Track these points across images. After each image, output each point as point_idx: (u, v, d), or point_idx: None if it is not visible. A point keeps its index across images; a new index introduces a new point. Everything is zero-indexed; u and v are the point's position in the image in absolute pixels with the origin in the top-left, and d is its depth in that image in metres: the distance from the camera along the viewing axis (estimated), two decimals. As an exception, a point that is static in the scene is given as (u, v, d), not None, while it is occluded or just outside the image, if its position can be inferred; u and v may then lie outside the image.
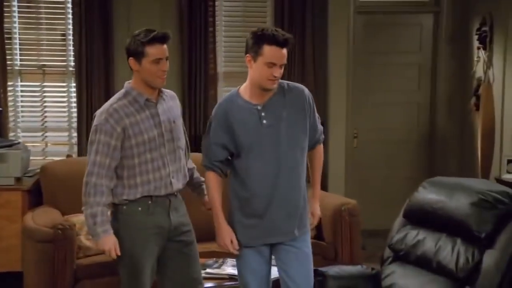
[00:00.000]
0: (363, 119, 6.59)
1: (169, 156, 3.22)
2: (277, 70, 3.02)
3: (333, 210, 4.72)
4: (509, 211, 3.32)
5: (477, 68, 6.25)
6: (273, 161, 3.11)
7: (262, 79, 3.04)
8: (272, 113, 3.11)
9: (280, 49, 3.00)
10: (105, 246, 3.15)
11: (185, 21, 5.91)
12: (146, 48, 3.10)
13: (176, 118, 3.31)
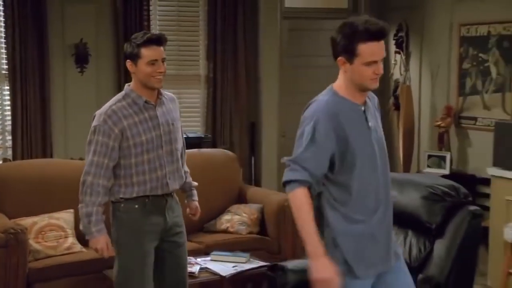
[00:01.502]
0: (290, 118, 6.59)
1: (166, 157, 3.09)
2: (379, 66, 2.42)
3: (276, 206, 4.67)
4: (456, 203, 3.37)
5: (394, 71, 6.40)
6: (382, 173, 2.52)
7: (364, 81, 2.43)
8: (372, 114, 2.53)
9: (377, 43, 2.40)
10: (97, 245, 3.05)
11: (120, 25, 5.72)
12: (142, 50, 2.98)
13: (175, 120, 3.18)
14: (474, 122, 5.61)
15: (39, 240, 4.13)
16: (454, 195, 3.39)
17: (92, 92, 5.70)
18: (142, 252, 3.08)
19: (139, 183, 3.04)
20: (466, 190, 3.46)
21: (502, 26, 5.31)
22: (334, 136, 2.43)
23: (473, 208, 3.36)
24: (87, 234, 3.07)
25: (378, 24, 2.40)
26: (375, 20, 2.42)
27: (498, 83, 5.39)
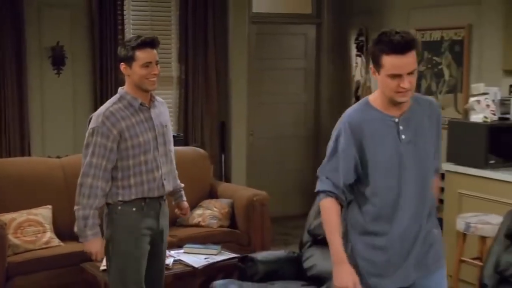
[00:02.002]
0: (257, 118, 6.61)
1: (161, 158, 3.04)
2: (404, 80, 2.25)
3: (246, 201, 4.69)
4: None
5: (356, 73, 6.46)
6: (415, 186, 2.38)
7: (390, 92, 2.31)
8: (410, 127, 2.37)
9: (401, 56, 2.24)
10: (92, 248, 2.96)
11: (95, 29, 5.65)
12: (136, 52, 2.92)
13: (167, 122, 3.14)
14: (429, 120, 5.69)
15: (18, 235, 4.08)
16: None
17: (69, 94, 5.63)
18: (139, 253, 3.01)
19: (137, 184, 2.96)
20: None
21: (454, 32, 5.40)
22: (354, 146, 2.37)
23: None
24: (81, 237, 2.97)
25: (403, 37, 2.26)
26: (404, 33, 2.28)
27: (450, 84, 5.48)
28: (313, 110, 6.90)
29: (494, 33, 5.06)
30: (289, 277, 3.53)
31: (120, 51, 2.98)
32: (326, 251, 3.56)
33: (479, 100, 4.55)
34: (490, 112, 4.54)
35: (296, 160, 6.86)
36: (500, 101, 4.66)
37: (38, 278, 3.93)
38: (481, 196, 4.44)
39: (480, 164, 4.50)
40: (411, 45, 2.27)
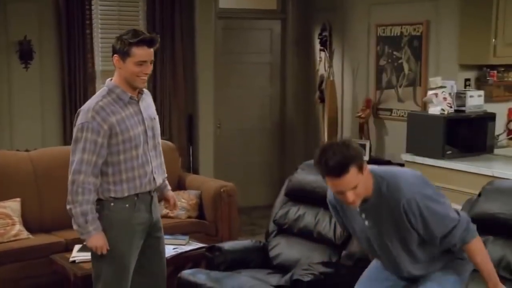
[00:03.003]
0: (224, 111, 6.60)
1: (151, 152, 2.93)
2: (348, 197, 2.37)
3: (214, 192, 4.69)
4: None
5: (320, 67, 6.49)
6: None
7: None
8: (372, 216, 2.50)
9: (338, 179, 2.35)
10: (97, 243, 2.82)
11: (63, 24, 5.55)
12: (133, 49, 2.77)
13: (155, 115, 3.02)
14: (390, 113, 5.76)
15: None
16: (373, 178, 3.48)
17: (37, 88, 5.53)
18: (131, 251, 2.92)
19: (129, 179, 2.85)
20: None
21: (413, 27, 5.47)
22: None
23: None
24: (83, 234, 2.83)
25: (332, 165, 2.33)
26: (334, 162, 2.33)
27: (410, 78, 5.55)
28: (278, 103, 6.92)
29: (451, 29, 5.15)
30: (255, 265, 3.54)
31: (115, 43, 2.82)
32: (292, 239, 3.63)
33: (436, 94, 4.63)
34: (447, 105, 4.62)
35: (262, 152, 6.88)
36: (456, 94, 4.74)
37: (7, 270, 3.86)
38: (438, 185, 4.50)
39: (437, 155, 4.58)
40: (345, 169, 2.30)
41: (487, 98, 4.92)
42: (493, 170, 4.17)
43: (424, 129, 4.70)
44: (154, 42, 2.84)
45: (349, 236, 3.39)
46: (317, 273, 3.11)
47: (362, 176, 2.36)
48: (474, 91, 4.82)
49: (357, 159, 2.34)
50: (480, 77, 5.18)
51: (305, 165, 3.77)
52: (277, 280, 3.31)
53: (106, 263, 2.89)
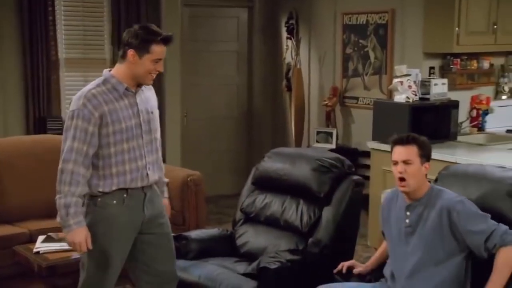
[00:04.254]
0: (191, 100, 6.55)
1: (146, 147, 2.78)
2: (398, 167, 2.72)
3: (181, 181, 4.64)
4: (341, 174, 3.49)
5: (286, 55, 6.48)
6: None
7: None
8: (415, 215, 2.72)
9: (399, 147, 2.76)
10: (75, 238, 2.67)
11: (24, 10, 5.41)
12: (153, 46, 2.68)
13: (154, 109, 2.88)
14: (356, 101, 5.79)
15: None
16: (340, 167, 3.51)
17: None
18: (117, 248, 2.79)
19: (119, 173, 2.72)
20: (350, 162, 3.59)
21: (378, 16, 5.49)
22: None
23: (356, 178, 3.49)
24: (64, 227, 2.69)
25: (403, 136, 2.78)
26: (407, 134, 2.81)
27: (375, 66, 5.58)
28: (245, 92, 6.89)
29: (415, 17, 5.19)
30: (222, 254, 3.52)
31: (131, 38, 2.69)
32: (259, 227, 3.62)
33: (402, 82, 4.66)
34: (412, 93, 4.66)
35: (229, 140, 6.85)
36: (421, 82, 4.79)
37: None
38: (404, 172, 4.56)
39: (403, 142, 4.62)
40: (410, 142, 2.76)
41: (451, 86, 4.99)
42: (456, 157, 4.23)
43: (390, 117, 4.73)
44: (171, 41, 2.78)
45: (315, 224, 3.41)
46: (284, 261, 3.11)
47: (420, 166, 2.70)
48: (438, 79, 4.87)
49: (423, 145, 2.74)
50: (444, 65, 5.24)
51: (272, 153, 3.76)
52: (244, 268, 3.30)
53: (90, 256, 2.79)
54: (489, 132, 5.37)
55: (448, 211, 2.63)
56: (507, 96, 5.69)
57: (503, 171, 3.03)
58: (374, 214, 4.71)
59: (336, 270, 3.00)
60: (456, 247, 2.63)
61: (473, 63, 5.28)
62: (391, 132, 4.65)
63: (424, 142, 2.77)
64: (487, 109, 5.43)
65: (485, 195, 2.88)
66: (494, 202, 2.83)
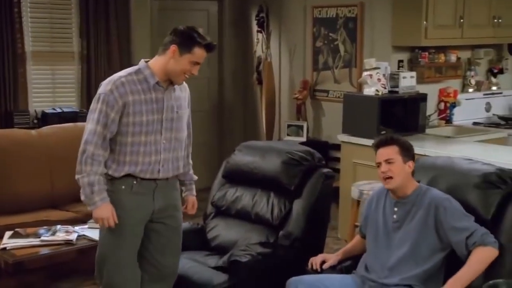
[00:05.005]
0: (161, 93, 6.47)
1: (163, 144, 2.79)
2: (382, 167, 2.79)
3: (151, 175, 4.60)
4: (312, 166, 3.49)
5: (257, 48, 6.46)
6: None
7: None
8: (403, 212, 2.81)
9: (381, 149, 2.83)
10: (103, 214, 2.72)
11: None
12: (196, 48, 2.72)
13: (181, 108, 2.87)
14: (326, 94, 5.81)
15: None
16: (310, 160, 3.51)
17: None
18: (126, 231, 2.80)
19: (131, 162, 2.75)
20: (320, 155, 3.59)
21: (348, 9, 5.51)
22: None
23: (326, 171, 3.49)
24: (90, 205, 2.73)
25: (383, 137, 2.85)
26: (385, 136, 2.87)
27: (345, 59, 5.60)
28: (216, 85, 6.85)
29: (384, 11, 5.22)
30: (193, 247, 3.49)
31: (178, 35, 2.73)
32: (230, 221, 3.60)
33: (371, 75, 4.68)
34: (381, 86, 4.68)
35: (200, 134, 6.74)
36: (390, 75, 4.82)
37: None
38: (373, 165, 4.56)
39: (372, 134, 4.60)
40: (389, 143, 2.81)
41: (419, 79, 5.03)
42: (425, 149, 4.27)
43: (359, 110, 4.75)
44: (214, 49, 2.86)
45: (286, 217, 3.40)
46: (255, 254, 3.10)
47: (403, 165, 2.77)
48: (406, 72, 4.91)
49: (403, 145, 2.81)
50: (412, 58, 5.28)
51: (243, 146, 3.74)
52: (215, 261, 3.28)
53: (103, 234, 2.87)
54: (457, 125, 5.44)
55: (436, 207, 2.71)
56: (474, 89, 5.77)
57: (470, 163, 3.07)
58: (345, 207, 4.73)
59: (309, 267, 3.00)
60: (438, 244, 2.71)
61: (441, 56, 5.33)
62: (361, 125, 4.74)
63: (405, 142, 2.84)
64: (454, 102, 5.50)
65: (453, 187, 2.91)
66: (462, 194, 2.87)
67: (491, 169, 2.93)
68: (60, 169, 4.54)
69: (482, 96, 5.80)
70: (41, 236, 3.62)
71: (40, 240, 3.54)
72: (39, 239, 3.53)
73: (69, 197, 4.49)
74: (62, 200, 4.46)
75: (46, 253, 3.47)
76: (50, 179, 4.50)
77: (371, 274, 2.81)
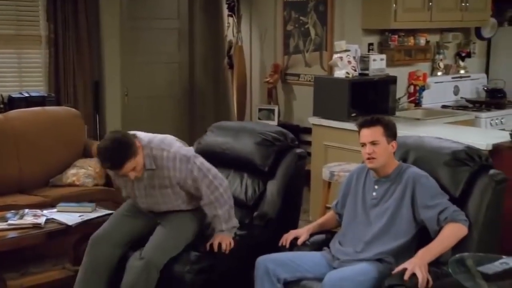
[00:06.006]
0: (132, 78, 6.39)
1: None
2: (367, 148, 2.82)
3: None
4: (285, 147, 3.47)
5: (228, 32, 6.40)
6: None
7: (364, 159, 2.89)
8: (383, 189, 2.85)
9: (365, 129, 2.85)
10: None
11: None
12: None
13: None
14: (297, 78, 5.78)
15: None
16: (283, 140, 3.48)
17: None
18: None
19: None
20: (292, 135, 3.57)
21: (318, -8, 5.48)
22: None
23: (299, 151, 3.47)
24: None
25: (368, 118, 2.86)
26: (371, 116, 2.87)
27: (316, 43, 5.58)
28: (187, 70, 6.78)
29: (354, -6, 5.20)
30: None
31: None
32: (201, 203, 3.54)
33: (341, 57, 4.67)
34: (351, 68, 4.67)
35: (171, 119, 6.73)
36: (360, 58, 4.81)
37: None
38: (344, 147, 4.60)
39: (343, 117, 4.64)
40: (372, 122, 2.84)
41: (389, 62, 5.04)
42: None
43: (330, 93, 4.74)
44: (109, 167, 3.08)
45: (260, 197, 3.38)
46: (230, 235, 3.07)
47: (387, 145, 2.80)
48: (376, 55, 4.91)
49: (388, 125, 2.83)
50: (382, 41, 5.29)
51: (214, 127, 3.70)
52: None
53: None
54: (426, 108, 5.48)
55: (413, 183, 2.76)
56: (442, 72, 5.81)
57: (440, 142, 3.09)
58: (316, 189, 4.73)
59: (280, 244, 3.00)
60: (413, 220, 2.75)
61: (410, 39, 5.35)
62: (331, 107, 4.73)
63: (389, 122, 2.87)
64: (423, 85, 5.53)
65: (423, 165, 2.94)
66: (432, 172, 2.89)
67: (460, 147, 2.96)
68: (28, 153, 4.45)
69: (450, 80, 5.85)
70: (8, 220, 3.51)
71: (7, 224, 3.44)
72: (6, 223, 3.44)
73: (37, 182, 4.41)
74: (30, 185, 4.37)
75: (14, 237, 3.38)
76: (17, 164, 4.40)
77: (347, 249, 2.82)
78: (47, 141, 4.55)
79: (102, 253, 3.11)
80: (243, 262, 3.05)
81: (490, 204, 2.77)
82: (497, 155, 3.63)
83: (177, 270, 2.98)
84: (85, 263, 3.13)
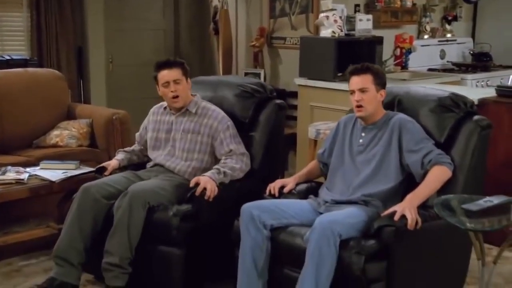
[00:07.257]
0: (116, 45, 6.29)
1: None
2: (356, 95, 2.83)
3: (105, 120, 4.48)
4: (264, 98, 3.45)
5: (213, -3, 6.31)
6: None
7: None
8: (370, 136, 2.87)
9: (356, 77, 2.86)
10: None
11: None
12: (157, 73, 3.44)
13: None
14: (283, 41, 5.72)
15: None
16: (262, 92, 3.46)
17: None
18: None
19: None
20: (271, 87, 3.58)
21: (304, -47, 5.40)
22: None
23: (279, 102, 3.46)
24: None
25: (358, 66, 2.86)
26: (361, 64, 2.88)
27: (302, 5, 5.50)
28: (172, 36, 6.69)
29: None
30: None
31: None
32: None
33: (327, 16, 4.62)
34: (337, 27, 4.63)
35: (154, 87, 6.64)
36: (346, 19, 4.76)
37: None
38: (330, 107, 4.58)
39: (329, 77, 4.60)
40: (365, 71, 2.85)
41: (375, 24, 4.99)
42: (381, 89, 4.25)
43: (316, 53, 4.69)
44: (168, 64, 3.41)
45: (243, 150, 3.34)
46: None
47: (376, 93, 2.81)
48: (363, 15, 4.86)
49: (377, 73, 2.84)
50: (368, 2, 5.24)
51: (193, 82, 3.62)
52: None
53: None
54: (412, 70, 5.45)
55: (399, 128, 2.78)
56: (429, 36, 5.78)
57: (426, 90, 3.08)
58: (302, 151, 4.70)
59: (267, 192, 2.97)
60: (400, 166, 2.76)
61: (397, 1, 5.30)
62: (318, 67, 4.68)
63: (379, 70, 2.88)
64: (410, 48, 5.50)
65: (409, 111, 2.94)
66: (418, 118, 2.90)
67: (446, 94, 2.95)
68: (11, 114, 4.39)
69: (437, 43, 5.82)
70: (-9, 176, 3.48)
71: (-9, 180, 3.40)
72: (-11, 179, 3.40)
73: (21, 143, 4.36)
74: (13, 146, 4.31)
75: (-1, 192, 3.35)
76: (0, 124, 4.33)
77: (334, 194, 2.81)
78: (29, 102, 4.48)
79: (91, 200, 3.05)
80: (228, 214, 3.02)
81: (476, 148, 2.77)
82: (482, 109, 3.62)
83: (163, 216, 2.97)
84: (73, 208, 3.06)
